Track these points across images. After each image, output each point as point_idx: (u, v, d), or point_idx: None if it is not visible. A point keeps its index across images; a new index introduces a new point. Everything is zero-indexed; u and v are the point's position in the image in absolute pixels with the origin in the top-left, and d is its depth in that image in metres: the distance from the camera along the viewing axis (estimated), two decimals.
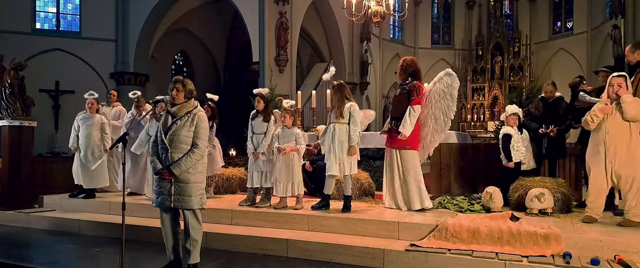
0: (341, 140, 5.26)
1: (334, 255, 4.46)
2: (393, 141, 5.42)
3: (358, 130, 5.29)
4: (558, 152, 6.17)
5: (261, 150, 5.72)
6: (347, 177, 5.36)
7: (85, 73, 14.29)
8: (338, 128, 5.28)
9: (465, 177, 6.98)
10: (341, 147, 5.25)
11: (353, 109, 5.29)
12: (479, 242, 4.23)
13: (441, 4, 21.47)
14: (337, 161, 5.25)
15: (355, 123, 5.27)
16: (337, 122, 5.29)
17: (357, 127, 5.28)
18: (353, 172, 5.36)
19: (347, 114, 5.28)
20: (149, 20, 14.67)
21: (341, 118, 5.28)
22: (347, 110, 5.28)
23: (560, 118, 6.08)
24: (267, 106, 5.88)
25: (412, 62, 5.49)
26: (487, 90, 19.10)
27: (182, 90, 3.81)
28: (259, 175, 5.82)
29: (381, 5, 9.05)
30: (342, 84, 5.48)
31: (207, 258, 4.38)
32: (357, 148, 5.33)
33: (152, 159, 3.85)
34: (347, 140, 5.26)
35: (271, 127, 5.80)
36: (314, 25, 16.17)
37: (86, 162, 6.84)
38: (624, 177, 4.48)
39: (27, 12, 13.91)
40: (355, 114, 5.28)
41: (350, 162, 5.29)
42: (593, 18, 17.20)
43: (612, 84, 4.57)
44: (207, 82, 17.37)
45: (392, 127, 5.45)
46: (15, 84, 7.21)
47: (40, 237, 5.83)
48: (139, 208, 6.09)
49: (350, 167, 5.30)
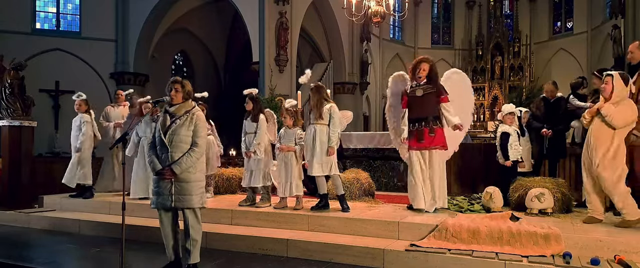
0: (322, 141, 5.31)
1: (334, 255, 4.46)
2: (425, 141, 5.22)
3: (338, 131, 5.37)
4: (559, 151, 6.18)
5: (252, 149, 5.74)
6: (334, 177, 5.38)
7: (85, 73, 14.28)
8: (319, 129, 5.33)
9: (465, 177, 6.98)
10: (322, 148, 5.30)
11: (333, 110, 5.36)
12: (479, 242, 4.23)
13: (441, 4, 21.47)
14: (318, 161, 5.29)
15: (335, 124, 5.33)
16: (317, 123, 5.35)
17: (337, 128, 5.35)
18: (335, 171, 5.38)
19: (326, 116, 5.34)
20: (149, 20, 14.67)
21: (321, 119, 5.34)
22: (326, 112, 5.34)
23: (561, 118, 6.08)
24: (255, 106, 5.88)
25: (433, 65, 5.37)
26: (487, 90, 19.10)
27: (181, 91, 3.82)
28: (250, 174, 5.83)
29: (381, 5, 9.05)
30: (319, 86, 5.53)
31: (207, 258, 4.38)
32: (335, 149, 5.36)
33: (150, 159, 3.85)
34: (327, 141, 5.31)
35: (262, 127, 5.80)
36: (314, 25, 16.16)
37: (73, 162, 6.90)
38: (603, 179, 4.44)
39: (27, 12, 13.91)
40: (335, 116, 5.35)
41: (332, 162, 5.33)
42: (593, 18, 17.19)
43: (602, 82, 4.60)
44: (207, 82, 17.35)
45: (420, 128, 5.23)
46: (15, 84, 7.22)
47: (40, 237, 5.83)
48: (139, 208, 6.09)
49: (332, 167, 5.34)
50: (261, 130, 5.77)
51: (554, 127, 6.08)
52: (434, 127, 5.21)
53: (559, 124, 6.11)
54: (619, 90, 4.43)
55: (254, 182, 5.80)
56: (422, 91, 5.26)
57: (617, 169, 4.41)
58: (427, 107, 5.26)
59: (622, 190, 4.41)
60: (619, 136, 4.44)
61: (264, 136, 5.83)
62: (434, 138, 5.22)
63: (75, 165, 6.89)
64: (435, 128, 5.21)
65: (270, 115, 6.16)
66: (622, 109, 4.40)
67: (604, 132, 4.45)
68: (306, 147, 5.48)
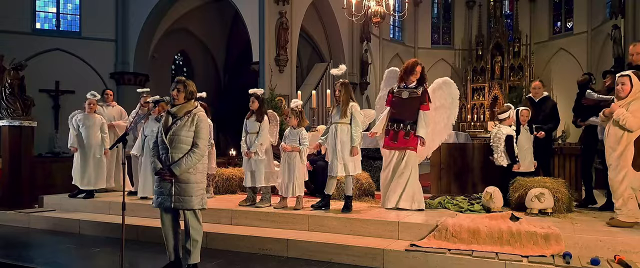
0: (343, 141, 5.27)
1: (334, 255, 4.46)
2: (398, 142, 5.39)
3: (360, 131, 5.33)
4: (545, 152, 6.18)
5: (253, 149, 5.72)
6: (349, 177, 5.36)
7: (85, 73, 14.28)
8: (340, 128, 5.29)
9: (465, 177, 6.98)
10: (344, 148, 5.26)
11: (354, 110, 5.31)
12: (479, 242, 4.23)
13: (441, 4, 21.47)
14: (341, 162, 5.25)
15: (357, 123, 5.29)
16: (340, 123, 5.31)
17: (359, 127, 5.31)
18: (357, 171, 5.38)
19: (349, 114, 5.30)
20: (149, 20, 14.66)
21: (345, 117, 5.29)
22: (349, 111, 5.30)
23: (547, 118, 6.08)
24: (260, 106, 5.87)
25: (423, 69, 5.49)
26: (487, 90, 19.11)
27: (183, 92, 3.81)
28: (250, 174, 5.83)
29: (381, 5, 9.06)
30: (348, 83, 5.48)
31: (207, 258, 4.37)
32: (358, 148, 5.33)
33: (152, 160, 3.86)
34: (349, 140, 5.27)
35: (265, 127, 5.79)
36: (314, 25, 16.16)
37: (85, 163, 6.84)
38: (611, 178, 4.48)
39: (27, 12, 13.90)
40: (356, 115, 5.30)
41: (354, 162, 5.31)
42: (593, 18, 17.19)
43: (617, 83, 4.55)
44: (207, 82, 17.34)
45: (397, 129, 5.40)
46: (15, 84, 7.21)
47: (40, 237, 5.83)
48: (139, 208, 6.09)
49: (354, 167, 5.32)
50: (264, 131, 5.76)
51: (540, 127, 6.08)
52: (410, 131, 5.36)
53: (545, 124, 6.12)
54: (636, 89, 4.42)
55: (258, 182, 5.80)
56: (407, 94, 5.42)
57: (622, 170, 4.41)
58: (408, 111, 5.40)
59: (624, 192, 4.41)
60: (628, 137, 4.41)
61: (267, 137, 5.83)
62: (408, 141, 5.36)
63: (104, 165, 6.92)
64: (411, 132, 5.36)
65: (273, 116, 6.16)
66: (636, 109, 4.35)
67: (614, 133, 4.45)
68: (328, 147, 5.44)
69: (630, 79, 4.44)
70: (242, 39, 15.33)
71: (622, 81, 4.49)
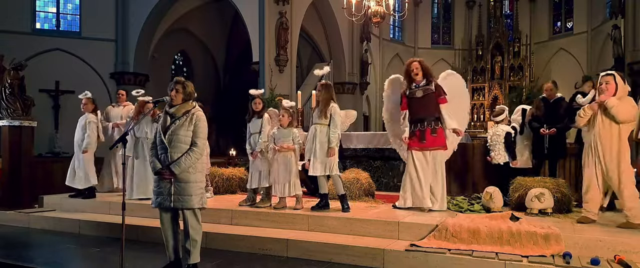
0: (322, 141, 5.32)
1: (334, 255, 4.46)
2: (427, 142, 5.30)
3: (338, 132, 5.36)
4: (559, 151, 6.18)
5: (258, 148, 5.72)
6: (335, 177, 5.38)
7: (85, 73, 14.28)
8: (319, 129, 5.34)
9: (465, 177, 6.98)
10: (322, 148, 5.30)
11: (334, 111, 5.34)
12: (479, 242, 4.23)
13: (441, 4, 21.47)
14: (319, 161, 5.30)
15: (335, 125, 5.32)
16: (319, 123, 5.35)
17: (337, 129, 5.34)
18: (335, 171, 5.38)
19: (329, 115, 5.33)
20: (149, 20, 14.67)
21: (324, 119, 5.33)
22: (329, 112, 5.33)
23: (561, 118, 6.09)
24: (264, 107, 5.89)
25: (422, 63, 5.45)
26: (487, 90, 19.10)
27: (181, 92, 3.81)
28: (258, 175, 5.82)
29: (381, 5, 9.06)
30: (330, 85, 5.52)
31: (207, 258, 4.37)
32: (336, 150, 5.36)
33: (151, 160, 3.86)
34: (327, 141, 5.30)
35: (265, 125, 5.80)
36: (314, 25, 16.17)
37: (75, 163, 6.87)
38: (615, 178, 4.46)
39: (27, 12, 13.90)
40: (335, 116, 5.34)
41: (332, 162, 5.33)
42: (593, 18, 17.18)
43: (601, 82, 4.57)
44: (207, 82, 17.37)
45: (422, 128, 5.31)
46: (15, 84, 7.22)
47: (40, 237, 5.83)
48: (139, 208, 6.09)
49: (332, 167, 5.33)
50: (266, 128, 5.77)
51: (554, 127, 6.08)
52: (436, 127, 5.31)
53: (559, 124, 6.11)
54: (621, 87, 4.46)
55: (263, 182, 5.78)
56: (422, 92, 5.34)
57: (624, 170, 4.41)
58: (428, 108, 5.33)
59: (631, 192, 4.41)
60: (622, 136, 4.43)
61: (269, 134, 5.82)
62: (436, 138, 5.31)
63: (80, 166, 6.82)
64: (437, 128, 5.31)
65: (274, 113, 6.15)
66: (624, 103, 4.41)
67: (610, 129, 4.45)
68: (307, 147, 5.48)
69: (615, 78, 4.47)
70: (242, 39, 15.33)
71: (606, 80, 4.52)
